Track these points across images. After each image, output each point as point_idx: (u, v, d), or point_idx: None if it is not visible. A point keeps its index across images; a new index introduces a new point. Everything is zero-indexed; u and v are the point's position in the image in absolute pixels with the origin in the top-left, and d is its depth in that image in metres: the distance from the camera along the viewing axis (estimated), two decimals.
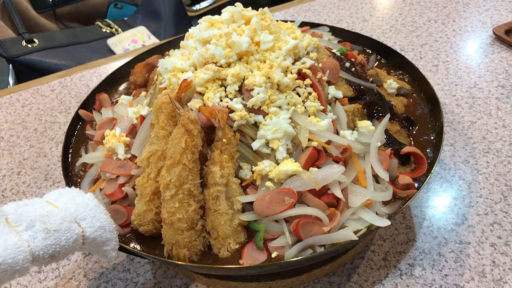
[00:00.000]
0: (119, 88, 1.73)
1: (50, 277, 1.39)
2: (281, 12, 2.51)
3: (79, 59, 2.77)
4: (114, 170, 1.27)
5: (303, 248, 1.09)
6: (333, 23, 2.38)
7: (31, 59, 2.70)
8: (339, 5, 2.52)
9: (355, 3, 2.51)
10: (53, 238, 1.01)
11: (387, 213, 1.14)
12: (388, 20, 2.34)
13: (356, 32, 1.75)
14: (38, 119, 2.01)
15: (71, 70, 2.32)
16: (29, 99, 2.14)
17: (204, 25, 1.32)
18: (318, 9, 2.52)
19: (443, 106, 1.78)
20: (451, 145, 1.63)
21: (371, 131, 1.26)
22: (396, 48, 2.13)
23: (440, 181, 1.51)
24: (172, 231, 1.10)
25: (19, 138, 1.92)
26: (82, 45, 2.90)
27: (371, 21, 2.35)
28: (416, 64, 1.93)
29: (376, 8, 2.45)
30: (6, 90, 2.21)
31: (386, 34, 2.24)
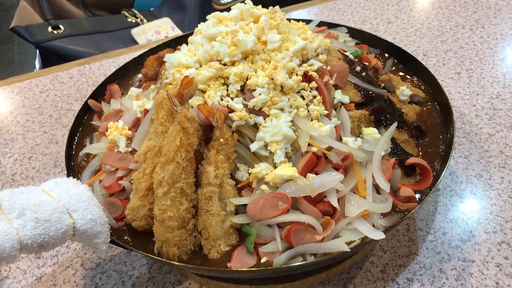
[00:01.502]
0: (134, 80, 1.73)
1: (48, 264, 1.40)
2: (305, 10, 2.47)
3: (103, 48, 2.80)
4: (114, 162, 1.27)
5: (293, 255, 1.07)
6: (356, 24, 2.32)
7: (56, 45, 2.73)
8: (364, 5, 2.46)
9: (381, 4, 2.45)
10: (42, 228, 1.01)
11: (384, 226, 1.10)
12: (414, 23, 2.27)
13: (375, 34, 1.70)
14: (54, 106, 2.04)
15: (90, 58, 2.34)
16: (47, 85, 2.17)
17: (212, 22, 1.30)
18: (343, 8, 2.46)
19: (462, 116, 1.72)
20: (465, 157, 1.56)
21: (376, 139, 1.22)
22: (419, 52, 2.06)
23: (450, 194, 1.45)
24: (163, 229, 1.09)
25: (33, 124, 1.95)
26: (107, 34, 2.92)
27: (396, 23, 2.28)
28: (438, 71, 1.87)
29: (403, 10, 2.38)
30: (27, 75, 2.25)
31: (410, 38, 2.17)
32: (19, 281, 1.37)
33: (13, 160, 1.79)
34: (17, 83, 2.20)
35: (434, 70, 1.95)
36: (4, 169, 1.75)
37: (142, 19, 3.10)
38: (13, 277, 1.38)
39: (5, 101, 2.10)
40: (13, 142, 1.87)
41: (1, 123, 1.97)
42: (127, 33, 2.93)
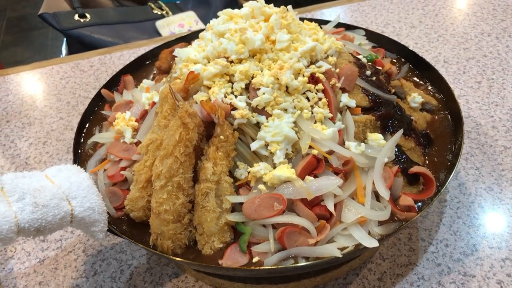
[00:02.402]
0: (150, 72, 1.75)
1: (52, 248, 1.44)
2: (328, 10, 2.45)
3: (126, 38, 2.84)
4: (118, 153, 1.29)
5: (285, 257, 1.06)
6: (378, 26, 2.29)
7: (81, 33, 2.78)
8: (389, 8, 2.42)
9: (406, 8, 2.40)
10: (40, 213, 1.04)
11: (380, 234, 1.09)
12: (438, 29, 2.22)
13: (393, 38, 1.67)
14: (73, 93, 2.08)
15: (112, 48, 2.38)
16: (68, 72, 2.21)
17: (222, 18, 1.30)
18: (367, 10, 2.43)
19: (477, 127, 1.68)
20: (477, 169, 1.53)
21: (381, 145, 1.20)
22: (439, 59, 2.02)
23: (457, 206, 1.42)
24: (159, 221, 1.10)
25: (51, 109, 1.99)
26: (131, 25, 2.96)
27: (419, 28, 2.24)
28: (457, 79, 1.83)
29: (427, 15, 2.33)
30: (49, 61, 2.30)
31: (432, 44, 2.12)
32: (22, 262, 1.40)
33: (28, 143, 1.83)
34: (39, 69, 2.25)
35: (454, 78, 1.91)
36: (19, 152, 1.79)
37: (167, 12, 3.13)
38: (18, 258, 1.42)
39: (26, 86, 2.15)
40: (30, 126, 1.92)
41: (21, 107, 2.03)
42: (152, 24, 2.96)
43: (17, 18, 6.23)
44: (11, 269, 1.39)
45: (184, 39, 1.77)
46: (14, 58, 5.47)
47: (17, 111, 2.00)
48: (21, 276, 1.37)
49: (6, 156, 1.78)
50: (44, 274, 1.36)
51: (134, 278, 1.33)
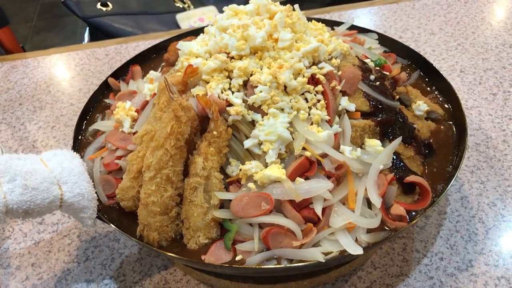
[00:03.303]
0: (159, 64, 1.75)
1: (48, 231, 1.46)
2: (347, 12, 2.41)
3: (146, 29, 2.86)
4: (116, 141, 1.30)
5: (268, 257, 1.05)
6: (397, 31, 2.25)
7: (101, 22, 2.81)
8: (410, 13, 2.37)
9: (428, 14, 2.35)
10: (29, 195, 1.05)
11: (368, 242, 1.06)
12: (458, 37, 2.17)
13: (405, 44, 1.63)
14: (86, 80, 2.10)
15: (128, 38, 2.40)
16: (83, 59, 2.24)
17: (227, 13, 1.29)
18: (387, 14, 2.39)
19: (487, 139, 1.63)
20: (482, 183, 1.48)
21: (378, 151, 1.17)
22: (456, 68, 1.97)
23: (456, 219, 1.38)
24: (146, 213, 1.10)
25: (63, 95, 2.02)
26: (152, 16, 2.97)
27: (438, 35, 2.19)
28: (472, 89, 1.79)
29: (449, 22, 2.27)
30: (67, 48, 2.33)
31: (450, 52, 2.07)
32: (18, 243, 1.43)
33: (37, 127, 1.86)
34: (56, 54, 2.28)
35: (469, 88, 1.86)
36: (28, 134, 1.83)
37: (189, 5, 3.13)
38: (14, 238, 1.44)
39: (42, 70, 2.19)
40: (41, 110, 1.95)
41: (34, 90, 2.06)
42: (172, 17, 2.97)
43: (50, 4, 6.33)
44: (7, 248, 1.42)
45: (195, 33, 1.77)
46: (44, 43, 5.57)
47: (30, 94, 2.04)
48: (16, 256, 1.39)
49: (15, 138, 1.82)
50: (38, 256, 1.38)
51: (124, 267, 1.34)
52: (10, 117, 1.93)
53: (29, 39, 5.71)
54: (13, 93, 2.06)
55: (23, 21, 6.02)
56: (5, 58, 2.30)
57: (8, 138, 1.82)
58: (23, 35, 5.76)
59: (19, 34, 5.69)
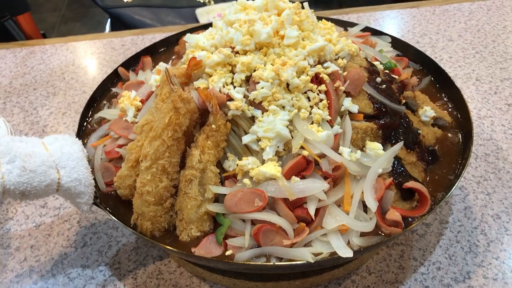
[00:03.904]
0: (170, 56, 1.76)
1: (49, 214, 1.48)
2: (366, 14, 2.39)
3: (165, 22, 2.87)
4: (119, 130, 1.31)
5: (257, 254, 1.05)
6: (415, 36, 2.21)
7: (121, 13, 2.84)
8: (430, 18, 2.33)
9: (448, 20, 2.31)
10: (26, 177, 1.07)
11: (360, 245, 1.05)
12: (476, 45, 2.12)
13: (418, 49, 1.60)
14: (100, 69, 2.12)
15: (145, 30, 2.41)
16: (100, 48, 2.27)
17: (235, 8, 1.29)
18: (406, 18, 2.35)
19: (498, 150, 1.59)
20: (488, 195, 1.45)
21: (378, 155, 1.16)
22: (472, 76, 1.93)
23: (458, 230, 1.36)
24: (140, 202, 1.10)
25: (77, 82, 2.05)
26: (172, 10, 2.99)
27: (457, 42, 2.15)
28: (486, 98, 1.76)
29: (469, 30, 2.23)
30: (84, 36, 2.36)
31: (467, 59, 2.03)
32: (20, 224, 1.45)
33: (49, 112, 1.89)
34: (74, 42, 2.32)
35: (483, 97, 1.82)
36: (39, 119, 1.86)
37: (210, 1, 3.14)
38: (16, 220, 1.47)
39: (59, 57, 2.22)
40: (54, 96, 1.98)
41: (49, 77, 2.09)
42: (192, 11, 2.98)
43: None
44: (8, 229, 1.44)
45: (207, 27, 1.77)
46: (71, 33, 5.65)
47: (45, 80, 2.07)
48: (16, 237, 1.41)
49: (26, 122, 1.85)
50: (37, 239, 1.40)
51: (120, 255, 1.35)
52: (24, 101, 1.96)
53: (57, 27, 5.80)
54: (28, 78, 2.09)
55: (52, 10, 6.11)
56: (25, 43, 2.35)
57: (20, 121, 1.85)
58: (51, 23, 5.85)
59: (47, 23, 5.79)
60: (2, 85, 2.06)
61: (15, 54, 2.26)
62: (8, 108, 1.92)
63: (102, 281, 1.29)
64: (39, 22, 5.69)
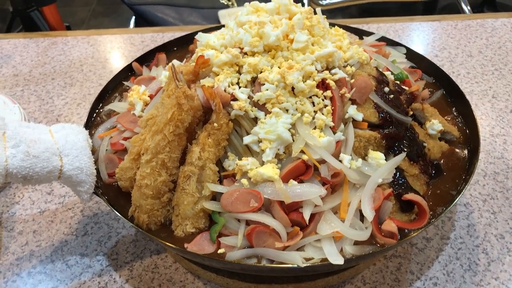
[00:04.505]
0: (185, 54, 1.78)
1: (54, 201, 1.51)
2: (386, 25, 2.37)
3: (187, 22, 2.91)
4: (125, 123, 1.33)
5: (249, 255, 1.05)
6: (434, 49, 2.19)
7: (145, 10, 2.89)
8: (451, 33, 2.31)
9: (469, 36, 2.28)
10: (29, 162, 1.09)
11: (352, 254, 1.04)
12: (496, 62, 2.09)
13: (433, 62, 1.59)
14: (118, 63, 2.16)
15: (166, 28, 2.44)
16: (119, 43, 2.30)
17: (247, 9, 1.30)
18: (426, 31, 2.33)
19: (508, 169, 1.56)
20: (493, 213, 1.42)
21: (380, 164, 1.15)
22: (488, 93, 1.90)
23: (459, 247, 1.33)
24: (139, 194, 1.12)
25: (94, 75, 2.09)
26: (195, 10, 3.03)
27: (476, 58, 2.12)
28: (501, 116, 1.73)
29: (490, 46, 2.20)
30: (105, 31, 2.41)
31: (485, 76, 2.00)
32: (25, 209, 1.48)
33: (64, 102, 1.93)
34: (95, 36, 2.36)
35: (498, 115, 1.79)
36: (54, 108, 1.89)
37: (233, 3, 3.17)
38: (22, 204, 1.50)
39: (79, 49, 2.26)
40: (71, 87, 2.01)
41: (68, 68, 2.13)
42: (214, 13, 3.01)
43: None
44: (14, 213, 1.47)
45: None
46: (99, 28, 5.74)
47: (64, 71, 2.12)
48: (20, 221, 1.44)
49: (41, 110, 1.89)
50: (40, 224, 1.43)
51: (118, 246, 1.36)
52: (41, 90, 2.00)
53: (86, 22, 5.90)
54: (48, 68, 2.14)
55: (83, 4, 6.22)
56: (48, 34, 2.40)
57: (36, 109, 1.90)
58: (81, 17, 5.94)
59: (77, 16, 5.89)
60: (22, 73, 2.11)
61: (37, 44, 2.31)
62: (26, 96, 1.97)
63: (98, 270, 1.31)
64: (69, 15, 5.82)
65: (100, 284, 1.28)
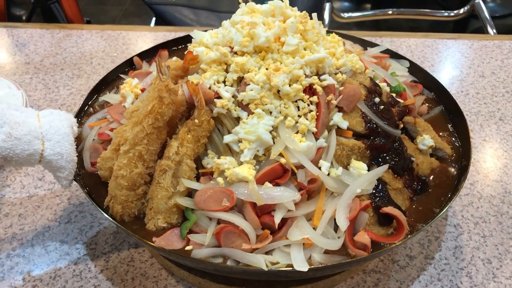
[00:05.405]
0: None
1: (44, 188, 1.52)
2: (399, 39, 2.34)
3: (204, 25, 2.93)
4: (115, 114, 1.34)
5: (215, 254, 1.04)
6: (444, 67, 2.15)
7: (164, 10, 2.92)
8: (465, 52, 2.26)
9: (484, 56, 2.22)
10: (10, 143, 1.10)
11: (320, 262, 1.02)
12: (509, 84, 2.03)
13: (435, 78, 1.55)
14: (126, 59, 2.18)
15: (179, 28, 2.47)
16: (132, 40, 2.33)
17: (243, 10, 1.30)
18: (440, 48, 2.29)
19: (505, 194, 1.51)
20: (483, 237, 1.37)
21: (360, 175, 1.13)
22: (495, 114, 1.85)
23: (443, 267, 1.29)
24: (114, 184, 1.12)
25: (102, 68, 2.11)
26: (214, 13, 3.04)
27: (488, 79, 2.06)
28: (506, 139, 1.70)
29: (504, 68, 2.14)
30: (119, 26, 2.44)
31: (495, 98, 1.95)
32: (15, 192, 1.50)
33: (69, 92, 1.96)
34: (109, 31, 2.39)
35: (503, 138, 1.74)
36: (58, 97, 1.93)
37: None
38: (12, 188, 1.52)
39: (92, 43, 2.30)
40: (78, 78, 2.05)
41: (78, 60, 2.17)
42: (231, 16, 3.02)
43: None
44: (3, 195, 1.49)
45: None
46: None
47: (74, 62, 2.15)
48: (8, 204, 1.46)
49: (46, 98, 1.92)
50: (27, 209, 1.45)
51: (99, 237, 1.37)
52: (49, 79, 2.04)
53: (118, 21, 6.01)
54: (59, 58, 2.18)
55: (116, 3, 6.34)
56: (64, 26, 2.45)
57: (41, 97, 1.93)
58: (112, 16, 6.05)
59: (109, 15, 6.00)
60: (34, 62, 2.15)
61: (53, 35, 2.36)
62: (33, 84, 2.01)
63: (75, 258, 1.31)
64: (102, 13, 5.94)
65: (74, 272, 1.28)
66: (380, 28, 4.70)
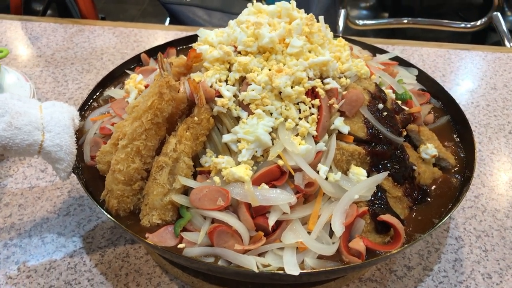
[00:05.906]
0: None
1: (46, 179, 1.53)
2: (412, 48, 2.32)
3: (216, 26, 2.92)
4: (117, 109, 1.34)
5: (207, 253, 1.03)
6: (456, 77, 2.12)
7: (178, 10, 2.93)
8: (478, 63, 2.23)
9: (497, 68, 2.19)
10: (10, 133, 1.11)
11: (312, 267, 1.00)
12: None
13: (444, 88, 1.53)
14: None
15: (190, 27, 2.47)
16: (143, 37, 2.34)
17: (249, 10, 1.29)
18: (453, 59, 2.26)
19: (510, 209, 1.48)
20: (484, 251, 1.34)
21: (359, 181, 1.11)
22: (505, 127, 1.81)
23: (441, 280, 1.27)
24: (111, 178, 1.12)
25: (112, 64, 2.12)
26: (227, 14, 3.04)
27: (500, 91, 2.03)
28: (508, 152, 1.65)
29: None
30: (132, 24, 2.45)
31: (506, 110, 1.91)
32: (17, 183, 1.51)
33: (77, 87, 1.97)
34: (121, 27, 2.41)
35: (511, 151, 1.70)
36: (66, 91, 1.94)
37: None
38: (15, 178, 1.53)
39: (103, 39, 2.31)
40: (87, 73, 2.06)
41: (89, 55, 2.18)
42: None
43: None
44: (5, 185, 1.50)
45: None
46: None
47: (84, 57, 2.16)
48: (9, 194, 1.47)
49: (54, 91, 1.93)
50: (27, 199, 1.46)
51: (96, 231, 1.37)
52: (59, 72, 2.05)
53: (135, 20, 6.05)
54: (70, 52, 2.20)
55: (135, 3, 6.39)
56: (77, 21, 2.47)
57: (49, 90, 1.94)
58: (131, 15, 6.08)
59: (127, 14, 6.04)
60: (45, 55, 2.17)
61: (66, 30, 2.38)
62: (43, 76, 2.02)
63: (71, 251, 1.31)
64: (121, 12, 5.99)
65: (69, 265, 1.28)
66: (396, 37, 4.67)
